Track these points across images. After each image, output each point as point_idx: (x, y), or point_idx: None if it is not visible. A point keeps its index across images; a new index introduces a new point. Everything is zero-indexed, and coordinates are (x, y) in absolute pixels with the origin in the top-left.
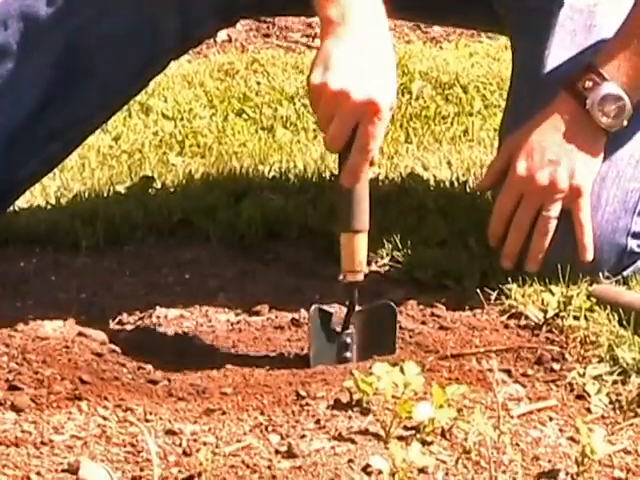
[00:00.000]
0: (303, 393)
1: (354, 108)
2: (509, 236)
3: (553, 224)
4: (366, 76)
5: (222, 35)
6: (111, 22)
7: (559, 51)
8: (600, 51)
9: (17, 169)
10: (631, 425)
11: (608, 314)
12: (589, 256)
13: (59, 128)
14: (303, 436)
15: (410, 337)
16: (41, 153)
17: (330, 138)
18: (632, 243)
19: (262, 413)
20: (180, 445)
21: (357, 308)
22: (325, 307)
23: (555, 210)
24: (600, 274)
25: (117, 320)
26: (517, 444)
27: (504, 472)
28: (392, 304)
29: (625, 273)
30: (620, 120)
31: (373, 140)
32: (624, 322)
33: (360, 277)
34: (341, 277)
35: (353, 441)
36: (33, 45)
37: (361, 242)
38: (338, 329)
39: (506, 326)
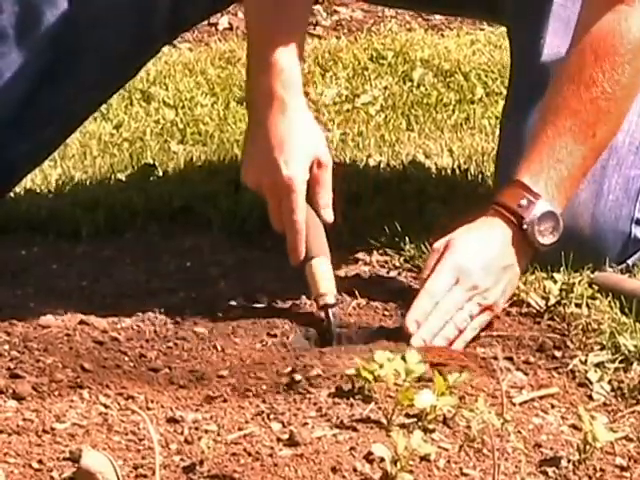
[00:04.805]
0: (305, 381)
1: (270, 190)
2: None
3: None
4: (266, 160)
5: (223, 23)
6: (104, 1)
7: (554, 39)
8: (527, 163)
9: (13, 153)
10: (633, 412)
11: (610, 301)
12: None
13: (53, 111)
14: (305, 424)
15: None
16: (36, 137)
17: (271, 220)
18: (636, 230)
19: (264, 401)
20: (182, 433)
21: (339, 330)
22: (307, 330)
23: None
24: (605, 262)
25: (118, 308)
26: (519, 432)
27: (507, 460)
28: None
29: (630, 261)
30: (555, 238)
31: (293, 214)
32: (626, 309)
33: (331, 299)
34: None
35: (355, 429)
36: (28, 28)
37: (321, 266)
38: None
39: (508, 313)
